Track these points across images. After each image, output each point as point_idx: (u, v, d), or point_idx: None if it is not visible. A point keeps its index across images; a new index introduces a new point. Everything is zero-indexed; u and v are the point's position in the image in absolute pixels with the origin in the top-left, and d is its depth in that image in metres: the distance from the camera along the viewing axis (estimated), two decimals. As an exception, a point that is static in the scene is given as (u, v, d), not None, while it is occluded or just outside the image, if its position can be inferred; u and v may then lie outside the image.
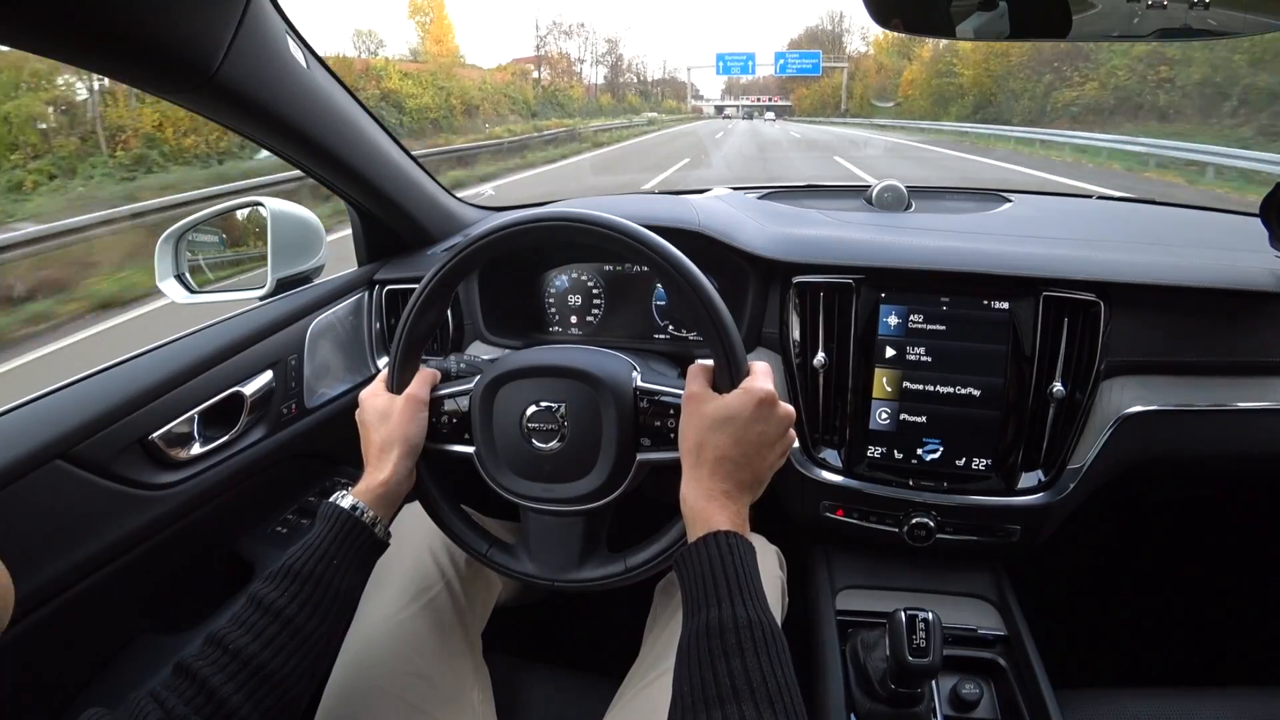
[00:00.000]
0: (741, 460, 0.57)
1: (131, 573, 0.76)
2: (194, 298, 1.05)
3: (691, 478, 0.58)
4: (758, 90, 79.23)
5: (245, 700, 0.49)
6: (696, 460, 0.58)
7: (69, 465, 0.68)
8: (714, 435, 0.57)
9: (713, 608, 0.49)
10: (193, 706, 0.48)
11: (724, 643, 0.47)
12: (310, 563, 0.57)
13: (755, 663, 0.46)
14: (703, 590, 0.51)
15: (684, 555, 0.54)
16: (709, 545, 0.52)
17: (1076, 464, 0.86)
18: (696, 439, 0.58)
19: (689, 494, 0.57)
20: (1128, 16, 0.65)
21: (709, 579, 0.51)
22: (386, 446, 0.67)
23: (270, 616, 0.54)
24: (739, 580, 0.50)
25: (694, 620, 0.50)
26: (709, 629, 0.48)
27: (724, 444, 0.57)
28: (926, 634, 0.69)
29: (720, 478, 0.57)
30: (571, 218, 0.62)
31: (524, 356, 0.71)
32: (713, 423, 0.58)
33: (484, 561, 0.72)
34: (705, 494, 0.56)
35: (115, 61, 0.63)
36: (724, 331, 0.60)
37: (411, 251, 1.16)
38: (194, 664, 0.50)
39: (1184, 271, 0.86)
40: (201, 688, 0.49)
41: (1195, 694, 0.79)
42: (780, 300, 0.92)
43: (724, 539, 0.53)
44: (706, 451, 0.57)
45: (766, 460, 0.59)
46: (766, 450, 0.59)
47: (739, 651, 0.46)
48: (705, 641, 0.47)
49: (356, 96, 0.92)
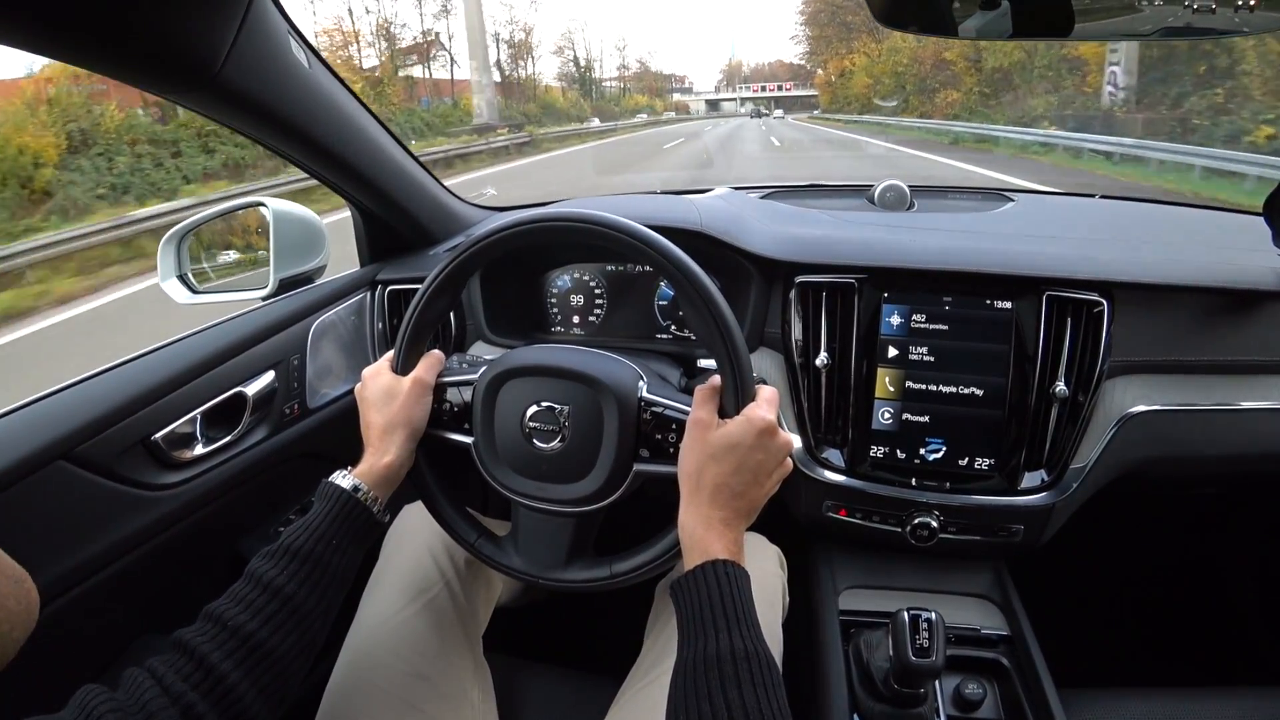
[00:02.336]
0: (740, 489, 0.58)
1: (134, 573, 0.76)
2: (196, 298, 1.05)
3: (690, 504, 0.58)
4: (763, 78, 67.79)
5: (243, 676, 0.50)
6: (696, 486, 0.58)
7: (72, 466, 0.68)
8: (714, 464, 0.58)
9: (710, 638, 0.50)
10: (190, 682, 0.48)
11: (721, 674, 0.48)
12: (310, 542, 0.58)
13: (752, 694, 0.47)
14: (699, 618, 0.52)
15: (681, 582, 0.54)
16: (707, 574, 0.53)
17: (1079, 464, 0.86)
18: (697, 465, 0.59)
19: (688, 520, 0.58)
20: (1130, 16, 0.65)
21: (706, 608, 0.52)
22: (390, 428, 0.67)
23: (269, 594, 0.54)
24: (736, 610, 0.52)
25: (691, 648, 0.51)
26: (706, 659, 0.49)
27: (724, 473, 0.58)
28: (929, 634, 0.69)
29: (719, 505, 0.57)
30: (609, 224, 0.62)
31: (532, 354, 0.71)
32: (715, 451, 0.58)
33: (471, 551, 0.72)
34: (704, 521, 0.57)
35: (118, 62, 0.63)
36: (735, 355, 0.60)
37: (414, 252, 1.16)
38: (191, 640, 0.50)
39: (1187, 271, 0.85)
40: (200, 664, 0.49)
41: (1198, 694, 0.79)
42: (783, 300, 0.92)
43: (722, 568, 0.53)
44: (706, 478, 0.58)
45: (763, 488, 0.60)
46: (764, 479, 0.59)
47: (736, 683, 0.47)
48: (703, 671, 0.49)
49: (358, 97, 0.92)
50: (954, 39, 0.68)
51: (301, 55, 0.79)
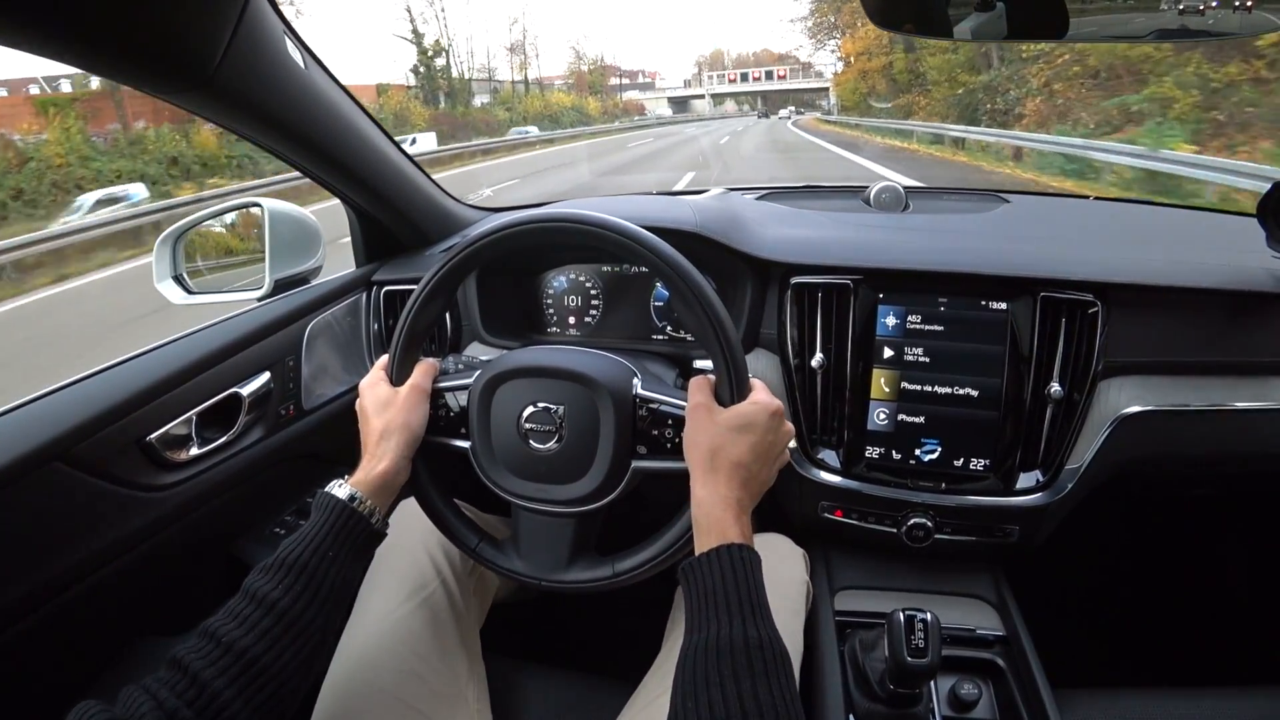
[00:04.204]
0: (755, 468, 0.57)
1: (129, 574, 0.75)
2: (192, 298, 1.05)
3: (707, 483, 0.57)
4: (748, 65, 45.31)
5: (237, 695, 0.49)
6: (711, 466, 0.57)
7: (67, 467, 0.68)
8: (731, 443, 0.57)
9: (723, 624, 0.49)
10: (185, 700, 0.47)
11: (734, 662, 0.46)
12: (305, 554, 0.56)
13: (765, 685, 0.45)
14: (713, 603, 0.50)
15: (695, 564, 0.53)
16: (723, 557, 0.52)
17: (1074, 464, 0.86)
18: (710, 445, 0.58)
19: (705, 499, 0.57)
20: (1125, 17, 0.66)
21: (720, 592, 0.50)
22: (386, 434, 0.67)
23: (264, 609, 0.53)
24: (751, 597, 0.50)
25: (702, 633, 0.49)
26: (719, 646, 0.47)
27: (741, 450, 0.57)
28: (925, 634, 0.69)
29: (736, 485, 0.56)
30: (606, 225, 0.62)
31: (526, 356, 0.71)
32: (729, 430, 0.58)
33: (473, 556, 0.72)
34: (721, 501, 0.56)
35: (113, 62, 0.63)
36: (729, 346, 0.60)
37: (409, 253, 1.16)
38: (186, 657, 0.50)
39: (1181, 272, 0.86)
40: (193, 681, 0.48)
41: (1193, 694, 0.80)
42: (778, 301, 0.92)
43: (737, 552, 0.52)
44: (722, 458, 0.57)
45: (771, 471, 0.59)
46: (773, 462, 0.59)
47: (749, 673, 0.46)
48: (714, 657, 0.47)
49: (355, 98, 0.92)
50: (949, 40, 0.68)
51: (297, 56, 0.79)
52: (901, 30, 0.70)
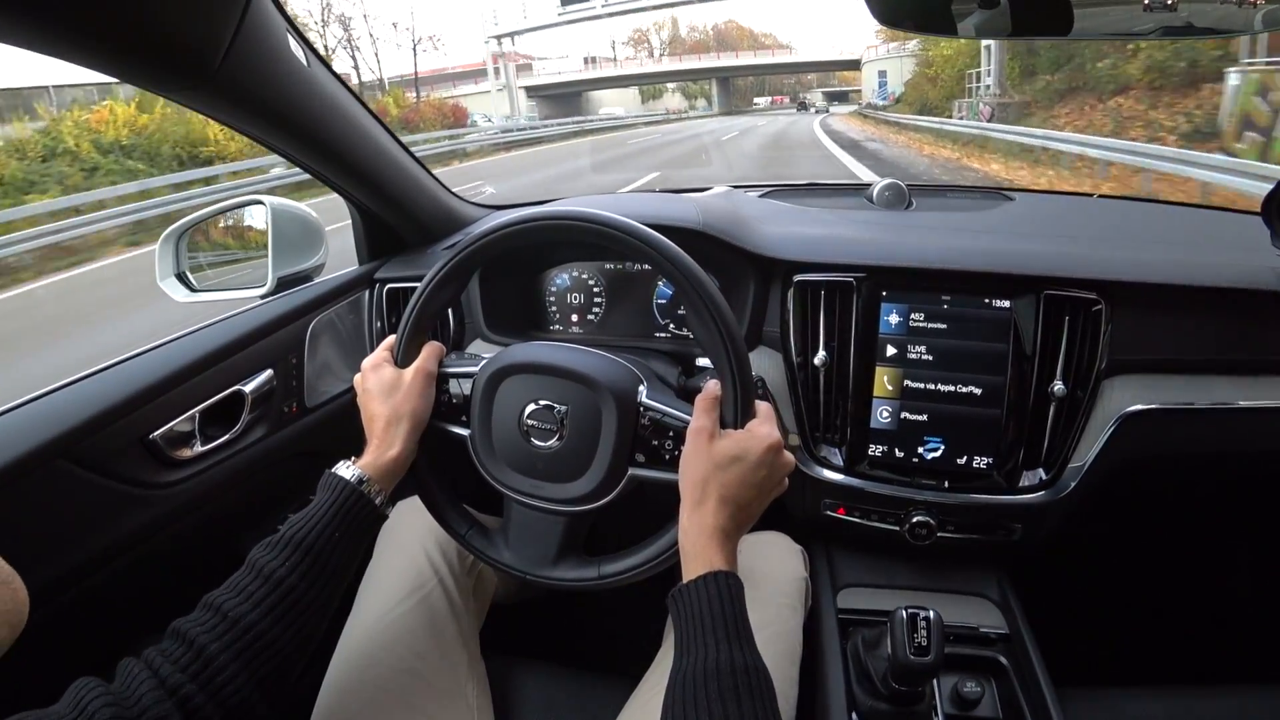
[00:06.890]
0: (743, 501, 0.58)
1: (133, 572, 0.76)
2: (195, 296, 1.05)
3: (694, 513, 0.58)
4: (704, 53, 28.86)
5: (242, 667, 0.50)
6: (701, 496, 0.58)
7: (71, 464, 0.68)
8: (721, 473, 0.58)
9: (710, 649, 0.50)
10: (188, 673, 0.48)
11: (720, 685, 0.48)
12: (311, 533, 0.58)
13: (750, 708, 0.47)
14: (700, 629, 0.52)
15: (682, 592, 0.54)
16: (709, 585, 0.53)
17: (1078, 462, 0.86)
18: (702, 474, 0.58)
19: (690, 528, 0.57)
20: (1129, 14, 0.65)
21: (708, 618, 0.52)
22: (395, 420, 0.67)
23: (270, 584, 0.54)
24: (737, 623, 0.52)
25: (690, 658, 0.51)
26: (706, 670, 0.49)
27: (730, 483, 0.57)
28: (928, 632, 0.69)
29: (723, 516, 0.57)
30: (613, 224, 0.62)
31: (533, 351, 0.71)
32: (721, 460, 0.58)
33: (461, 542, 0.73)
34: (707, 531, 0.56)
35: (116, 60, 0.63)
36: (739, 366, 0.60)
37: (412, 250, 1.16)
38: (188, 629, 0.50)
39: (1185, 270, 0.85)
40: (198, 654, 0.49)
41: (1196, 692, 0.79)
42: (781, 299, 0.92)
43: (723, 580, 0.53)
44: (711, 488, 0.57)
45: (762, 504, 0.60)
46: (765, 496, 0.59)
47: (735, 696, 0.47)
48: (703, 681, 0.49)
49: (358, 96, 0.92)
50: (954, 38, 0.68)
51: (300, 53, 0.79)
52: (904, 27, 0.70)
